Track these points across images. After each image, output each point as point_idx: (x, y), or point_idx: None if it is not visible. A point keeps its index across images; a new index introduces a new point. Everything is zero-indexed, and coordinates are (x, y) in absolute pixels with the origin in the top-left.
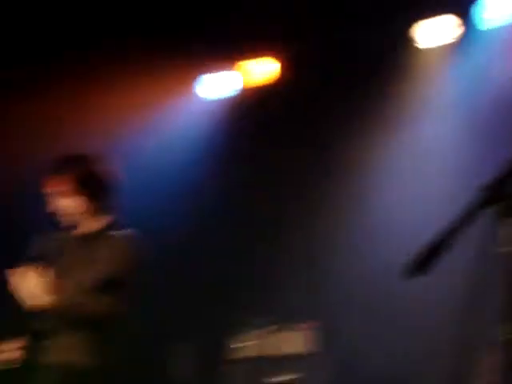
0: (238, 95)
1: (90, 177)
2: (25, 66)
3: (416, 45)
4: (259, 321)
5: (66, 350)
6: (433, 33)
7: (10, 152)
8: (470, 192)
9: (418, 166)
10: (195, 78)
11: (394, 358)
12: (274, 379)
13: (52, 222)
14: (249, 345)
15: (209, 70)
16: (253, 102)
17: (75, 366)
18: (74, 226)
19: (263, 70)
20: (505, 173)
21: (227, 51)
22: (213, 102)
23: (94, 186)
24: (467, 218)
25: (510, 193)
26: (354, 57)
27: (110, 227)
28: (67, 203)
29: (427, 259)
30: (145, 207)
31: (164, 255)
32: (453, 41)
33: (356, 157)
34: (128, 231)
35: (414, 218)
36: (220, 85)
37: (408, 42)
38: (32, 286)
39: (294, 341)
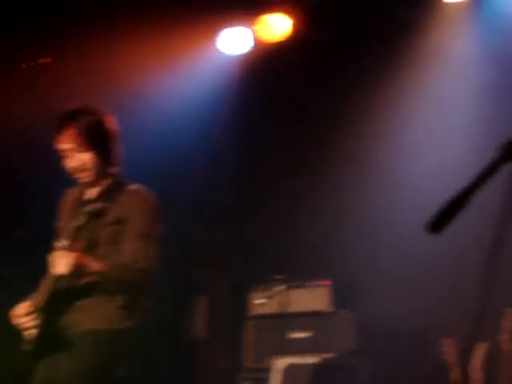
0: (253, 51)
1: (97, 128)
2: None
3: None
4: (280, 277)
5: (102, 316)
6: None
7: (23, 114)
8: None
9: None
10: (217, 33)
11: (417, 313)
12: (294, 335)
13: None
14: (270, 301)
15: (229, 24)
16: (268, 58)
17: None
18: (90, 183)
19: (281, 25)
20: None
21: (247, 5)
22: (233, 57)
23: (101, 137)
24: (486, 174)
25: None
26: (371, 11)
27: (121, 181)
28: (79, 158)
29: (444, 217)
30: (157, 163)
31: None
32: None
33: (378, 114)
34: (139, 185)
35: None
36: (239, 40)
37: None
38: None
39: (315, 298)
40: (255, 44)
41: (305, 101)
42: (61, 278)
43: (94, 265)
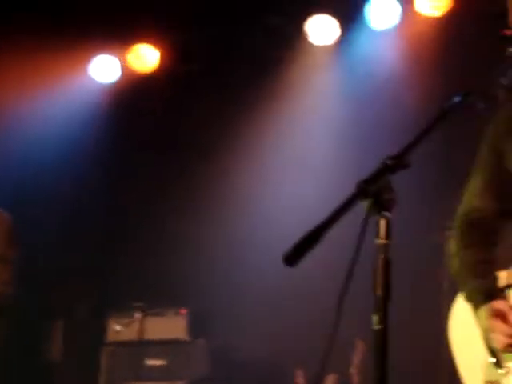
0: (122, 79)
1: None
2: None
3: (308, 40)
4: (139, 305)
5: None
6: (325, 29)
7: None
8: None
9: (302, 162)
10: (89, 60)
11: (270, 344)
12: (150, 363)
13: None
14: (127, 328)
15: (100, 51)
16: (137, 87)
17: None
18: None
19: (150, 56)
20: (378, 169)
21: (118, 34)
22: (103, 84)
23: None
24: (340, 211)
25: (377, 190)
26: (240, 49)
27: None
28: None
29: (299, 250)
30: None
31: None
32: (341, 39)
33: (238, 151)
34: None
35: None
36: (109, 68)
37: (300, 36)
38: None
39: (172, 326)
40: (124, 73)
41: (170, 130)
42: None
43: None
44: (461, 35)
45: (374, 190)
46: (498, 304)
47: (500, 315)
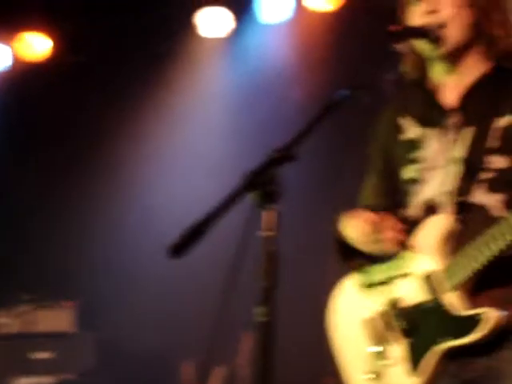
0: (12, 69)
1: None
2: None
3: (198, 33)
4: (27, 297)
5: None
6: (214, 22)
7: None
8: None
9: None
10: None
11: (160, 335)
12: (37, 356)
13: None
14: (14, 321)
15: None
16: (25, 78)
17: None
18: None
19: (37, 46)
20: (265, 162)
21: (7, 22)
22: None
23: None
24: (227, 202)
25: (265, 181)
26: (130, 41)
27: None
28: None
29: (185, 242)
30: None
31: None
32: (232, 32)
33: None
34: None
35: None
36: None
37: (189, 29)
38: None
39: (60, 318)
40: (16, 61)
41: (61, 120)
42: None
43: None
44: (353, 30)
45: (260, 182)
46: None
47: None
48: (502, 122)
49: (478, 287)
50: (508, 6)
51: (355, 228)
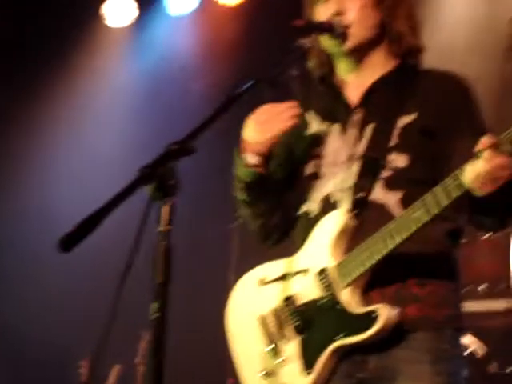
0: None
1: None
2: None
3: (104, 22)
4: None
5: None
6: (120, 12)
7: None
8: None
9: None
10: None
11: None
12: None
13: None
14: None
15: None
16: None
17: None
18: None
19: None
20: (162, 155)
21: None
22: None
23: None
24: (121, 196)
25: (162, 174)
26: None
27: None
28: None
29: (74, 236)
30: None
31: None
32: (138, 22)
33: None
34: None
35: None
36: None
37: (97, 18)
38: None
39: None
40: None
41: None
42: None
43: None
44: (259, 24)
45: (156, 175)
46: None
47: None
48: (405, 120)
49: (372, 284)
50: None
51: (250, 128)
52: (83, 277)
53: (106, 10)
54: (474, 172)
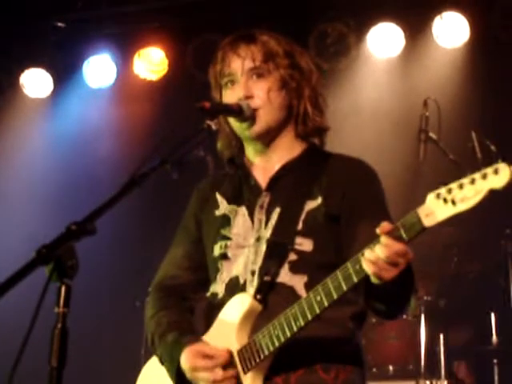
0: None
1: None
2: None
3: (24, 92)
4: None
5: None
6: (38, 83)
7: None
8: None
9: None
10: None
11: None
12: None
13: None
14: None
15: None
16: None
17: None
18: None
19: None
20: (61, 235)
21: None
22: None
23: None
24: (18, 275)
25: (59, 256)
26: None
27: None
28: None
29: None
30: None
31: None
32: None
33: None
34: None
35: None
36: None
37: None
38: None
39: None
40: None
41: None
42: None
43: None
44: (173, 101)
45: (54, 256)
46: (197, 345)
47: (200, 354)
48: (311, 204)
49: (277, 369)
50: (320, 81)
51: (192, 366)
52: None
53: (23, 80)
54: (373, 257)
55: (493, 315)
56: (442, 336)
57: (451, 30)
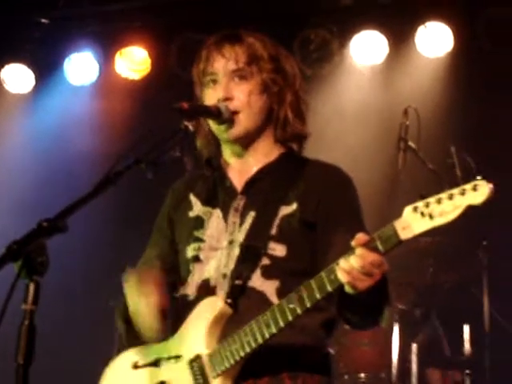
0: None
1: None
2: None
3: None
4: None
5: None
6: (18, 78)
7: None
8: None
9: None
10: None
11: None
12: None
13: None
14: None
15: None
16: None
17: None
18: None
19: None
20: (32, 231)
21: None
22: None
23: None
24: None
25: (30, 251)
26: None
27: None
28: None
29: None
30: None
31: None
32: (37, 90)
33: None
34: None
35: None
36: None
37: None
38: None
39: None
40: None
41: None
42: None
43: None
44: (153, 101)
45: (24, 253)
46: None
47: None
48: (286, 210)
49: (246, 375)
50: (303, 87)
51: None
52: None
53: (4, 75)
54: (348, 266)
55: (467, 326)
56: (414, 345)
57: (435, 40)
